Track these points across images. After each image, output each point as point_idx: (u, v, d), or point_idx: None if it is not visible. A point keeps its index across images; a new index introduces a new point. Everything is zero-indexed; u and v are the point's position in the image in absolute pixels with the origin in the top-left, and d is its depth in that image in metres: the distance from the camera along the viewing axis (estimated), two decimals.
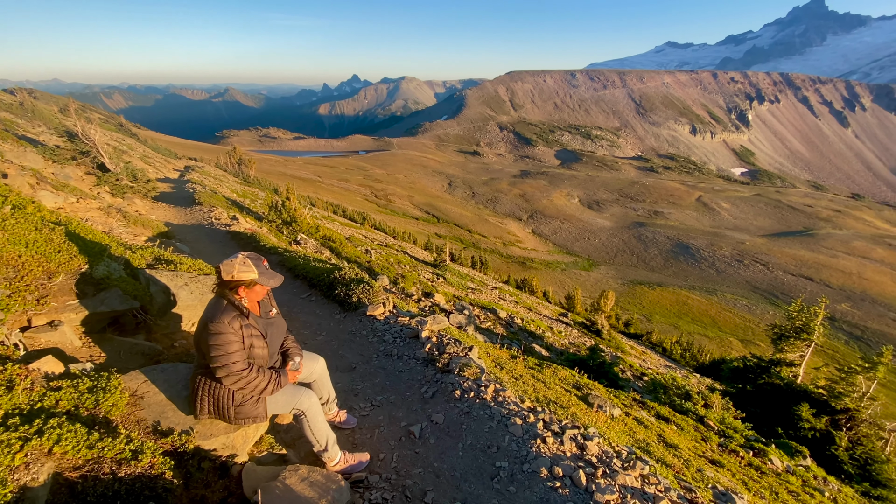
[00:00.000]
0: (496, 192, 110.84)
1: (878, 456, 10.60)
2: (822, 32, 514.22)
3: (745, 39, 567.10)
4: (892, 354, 11.15)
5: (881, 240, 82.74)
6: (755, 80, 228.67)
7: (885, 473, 10.48)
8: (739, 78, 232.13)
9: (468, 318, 15.45)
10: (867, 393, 10.55)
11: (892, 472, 10.64)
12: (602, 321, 24.76)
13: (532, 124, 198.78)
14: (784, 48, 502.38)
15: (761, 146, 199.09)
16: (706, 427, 8.60)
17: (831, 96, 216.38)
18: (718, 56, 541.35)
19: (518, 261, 68.40)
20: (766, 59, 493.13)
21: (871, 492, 10.13)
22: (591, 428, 3.99)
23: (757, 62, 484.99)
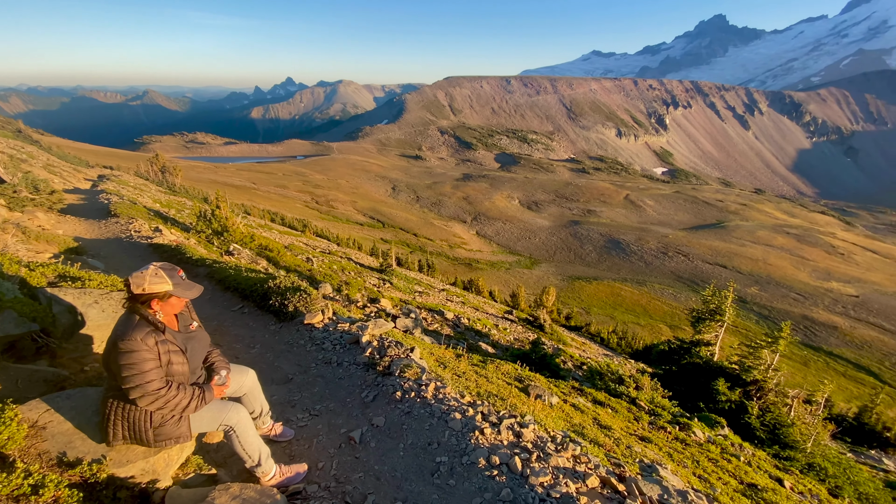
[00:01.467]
0: (440, 195, 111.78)
1: (784, 421, 11.97)
2: (724, 45, 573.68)
3: (659, 50, 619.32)
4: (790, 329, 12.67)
5: (780, 229, 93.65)
6: (670, 87, 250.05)
7: (791, 436, 11.85)
8: (657, 85, 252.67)
9: (415, 321, 15.45)
10: (772, 365, 11.90)
11: (796, 434, 12.06)
12: (544, 316, 25.75)
13: (472, 129, 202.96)
14: (693, 58, 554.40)
15: (678, 147, 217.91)
16: (638, 407, 9.27)
17: (734, 102, 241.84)
18: (638, 65, 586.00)
19: (464, 262, 69.39)
20: (678, 68, 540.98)
21: (780, 453, 11.42)
22: (528, 416, 4.16)
23: (671, 71, 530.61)
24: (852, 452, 18.86)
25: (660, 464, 4.89)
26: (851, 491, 11.18)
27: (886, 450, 21.29)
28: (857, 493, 11.27)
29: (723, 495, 5.16)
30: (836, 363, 48.04)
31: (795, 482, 8.66)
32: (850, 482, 11.45)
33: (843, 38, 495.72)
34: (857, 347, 50.91)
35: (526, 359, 13.30)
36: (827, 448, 13.31)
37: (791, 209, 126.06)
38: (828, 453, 12.43)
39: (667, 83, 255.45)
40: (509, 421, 3.84)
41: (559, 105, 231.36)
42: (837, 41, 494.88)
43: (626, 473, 3.80)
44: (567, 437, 3.98)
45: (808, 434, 11.46)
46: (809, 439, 11.42)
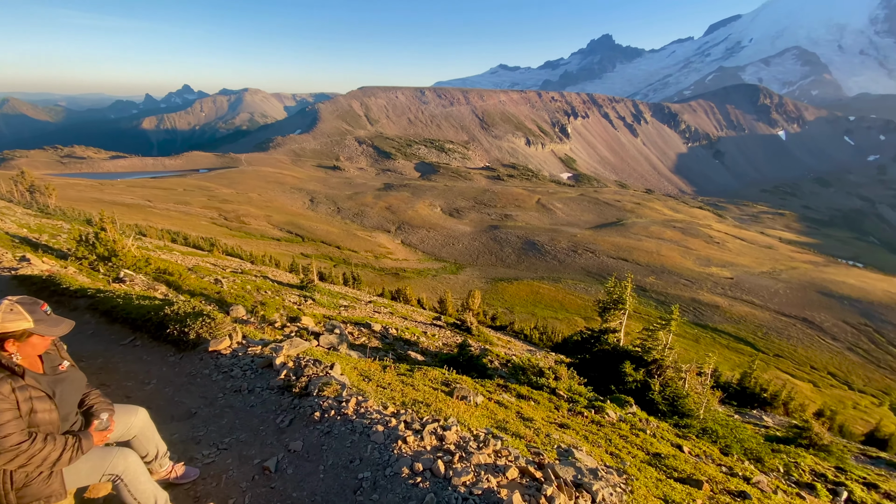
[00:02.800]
0: (362, 206, 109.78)
1: (680, 393, 13.51)
2: (612, 61, 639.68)
3: (559, 65, 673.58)
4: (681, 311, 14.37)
5: (669, 224, 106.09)
6: (570, 99, 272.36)
7: (687, 406, 13.40)
8: (558, 97, 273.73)
9: (340, 336, 14.96)
10: (667, 344, 13.39)
11: (691, 404, 13.65)
12: (471, 319, 26.38)
13: (390, 138, 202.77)
14: (588, 73, 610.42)
15: (580, 154, 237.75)
16: (557, 397, 9.87)
17: (624, 112, 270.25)
18: (541, 78, 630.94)
19: (391, 272, 68.73)
20: (576, 81, 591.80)
21: (679, 422, 12.83)
22: (451, 419, 4.22)
23: (570, 84, 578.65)
24: (738, 414, 21.81)
25: (576, 447, 5.24)
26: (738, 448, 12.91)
27: (765, 408, 24.96)
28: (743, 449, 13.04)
29: (631, 467, 5.67)
30: (721, 337, 55.43)
31: (692, 446, 9.81)
32: (736, 440, 13.23)
33: (706, 57, 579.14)
34: (735, 322, 59.21)
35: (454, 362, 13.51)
36: (717, 413, 15.27)
37: (675, 206, 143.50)
38: (717, 417, 14.25)
39: (567, 95, 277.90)
40: (432, 426, 3.87)
41: (472, 116, 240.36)
42: (702, 59, 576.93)
43: (545, 460, 4.01)
44: (489, 434, 4.10)
45: (701, 402, 13.04)
46: (702, 407, 13.00)
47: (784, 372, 48.31)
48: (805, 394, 40.82)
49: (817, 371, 50.58)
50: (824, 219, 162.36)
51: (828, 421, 26.21)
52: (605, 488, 3.73)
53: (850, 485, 13.02)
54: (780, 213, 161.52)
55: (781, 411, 24.07)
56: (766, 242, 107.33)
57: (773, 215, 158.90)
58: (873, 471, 16.20)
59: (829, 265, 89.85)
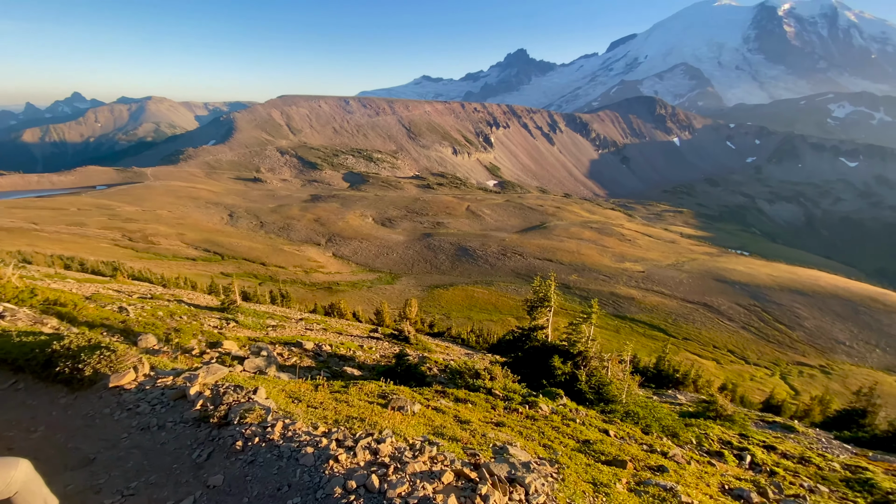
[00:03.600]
0: (288, 219, 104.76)
1: (604, 381, 14.51)
2: (528, 74, 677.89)
3: (479, 77, 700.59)
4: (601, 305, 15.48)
5: (586, 225, 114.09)
6: (491, 110, 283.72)
7: (611, 392, 14.43)
8: (480, 108, 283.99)
9: (267, 359, 14.14)
10: (590, 336, 14.34)
11: (614, 390, 14.72)
12: (408, 328, 26.23)
13: (315, 148, 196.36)
14: (506, 85, 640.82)
15: (503, 162, 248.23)
16: (494, 396, 10.14)
17: (541, 122, 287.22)
18: (463, 90, 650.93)
19: (323, 287, 66.23)
20: (496, 93, 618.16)
21: (605, 409, 13.77)
22: (386, 431, 4.17)
23: (490, 96, 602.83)
24: (655, 395, 23.89)
25: (511, 443, 5.41)
26: (657, 426, 14.14)
27: (678, 387, 27.59)
28: (661, 427, 14.30)
29: (563, 456, 5.97)
30: (637, 326, 60.50)
31: (617, 430, 10.57)
32: (655, 420, 14.48)
33: (610, 72, 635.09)
34: (649, 311, 64.97)
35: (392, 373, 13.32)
36: (637, 396, 16.61)
37: (591, 208, 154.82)
38: (638, 400, 15.51)
39: (488, 106, 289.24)
40: (366, 440, 3.79)
41: (399, 126, 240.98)
42: (607, 74, 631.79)
43: (480, 460, 4.10)
44: (425, 442, 4.11)
45: (623, 388, 14.11)
46: (624, 392, 14.07)
47: (692, 353, 53.89)
48: (710, 371, 45.84)
49: (719, 350, 57.08)
50: (715, 214, 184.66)
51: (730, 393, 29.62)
52: (538, 479, 3.90)
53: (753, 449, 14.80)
54: (679, 211, 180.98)
55: (692, 389, 26.78)
56: (669, 238, 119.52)
57: (673, 213, 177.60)
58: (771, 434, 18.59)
59: (722, 255, 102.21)
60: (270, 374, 11.48)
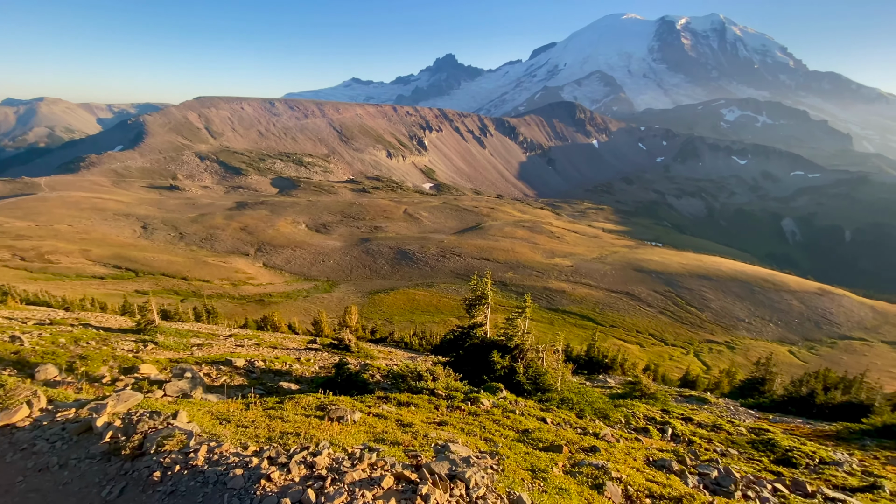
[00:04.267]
0: (211, 229, 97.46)
1: (540, 371, 15.19)
2: (458, 79, 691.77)
3: (410, 80, 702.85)
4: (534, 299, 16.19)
5: (519, 224, 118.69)
6: (424, 113, 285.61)
7: (547, 382, 15.13)
8: (412, 112, 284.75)
9: (192, 380, 13.15)
10: (525, 330, 14.95)
11: (550, 379, 15.45)
12: (349, 336, 25.56)
13: (238, 153, 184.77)
14: (437, 90, 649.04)
15: (438, 165, 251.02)
16: (437, 397, 10.21)
17: (472, 126, 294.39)
18: (394, 93, 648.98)
19: (254, 299, 62.49)
20: (427, 97, 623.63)
21: (542, 398, 14.42)
22: (323, 443, 4.04)
23: (421, 99, 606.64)
24: (588, 380, 25.43)
25: (452, 441, 5.49)
26: (590, 410, 15.06)
27: (608, 371, 29.58)
28: (594, 410, 15.25)
29: (503, 447, 6.17)
30: (569, 317, 64.04)
31: (554, 416, 11.12)
32: (588, 403, 15.41)
33: (533, 78, 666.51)
34: (578, 303, 69.00)
35: (331, 384, 12.92)
36: (571, 383, 17.58)
37: (522, 208, 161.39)
38: (572, 387, 16.42)
39: (420, 110, 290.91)
40: (301, 455, 3.65)
41: (330, 128, 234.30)
42: (531, 80, 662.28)
43: (422, 461, 4.11)
44: (365, 449, 4.04)
45: (557, 376, 14.86)
46: (559, 380, 14.83)
47: (618, 339, 58.08)
48: (635, 354, 49.71)
49: (641, 334, 62.06)
50: (632, 210, 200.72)
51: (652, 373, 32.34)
52: (478, 473, 4.00)
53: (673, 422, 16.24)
54: (600, 208, 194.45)
55: (619, 372, 28.85)
56: (593, 233, 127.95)
57: (595, 210, 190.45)
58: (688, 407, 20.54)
59: (640, 247, 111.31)
60: (196, 397, 10.72)
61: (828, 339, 66.47)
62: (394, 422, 6.72)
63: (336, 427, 5.45)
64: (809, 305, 74.72)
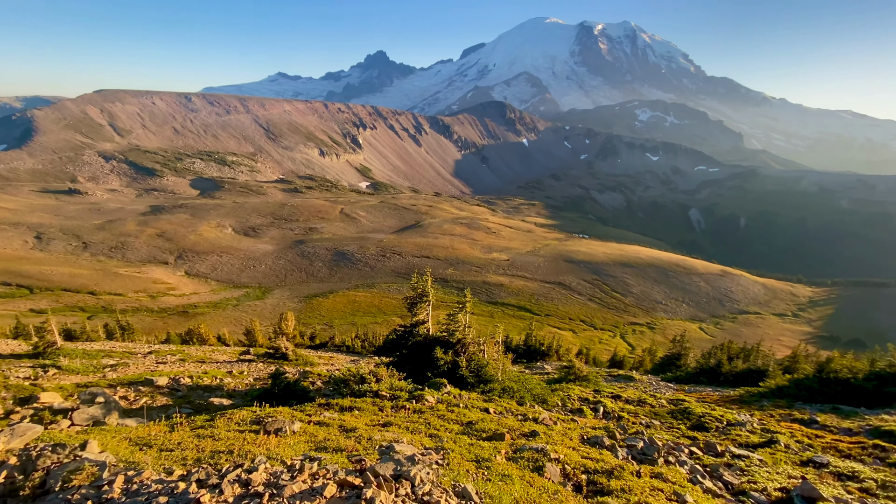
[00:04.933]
0: (122, 236, 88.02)
1: (482, 363, 15.59)
2: (390, 77, 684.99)
3: (341, 76, 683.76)
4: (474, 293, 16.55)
5: (457, 221, 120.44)
6: (356, 110, 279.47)
7: (489, 373, 15.57)
8: (345, 109, 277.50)
9: (106, 405, 12.06)
10: (466, 324, 15.25)
11: (491, 370, 15.91)
12: (285, 344, 24.42)
13: (151, 152, 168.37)
14: (369, 86, 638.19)
15: (374, 163, 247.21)
16: (381, 398, 10.10)
17: (406, 124, 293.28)
18: (325, 89, 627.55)
19: (177, 311, 57.52)
20: (359, 94, 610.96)
21: (485, 389, 14.82)
22: (259, 458, 3.85)
23: (354, 96, 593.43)
24: (527, 368, 26.51)
25: (397, 441, 5.47)
26: (529, 396, 15.73)
27: (545, 358, 31.02)
28: (533, 396, 15.95)
29: (448, 442, 6.26)
30: (508, 309, 66.27)
31: (496, 406, 11.48)
32: (527, 390, 16.08)
33: (465, 77, 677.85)
34: (516, 295, 71.61)
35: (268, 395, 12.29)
36: (511, 372, 18.23)
37: (460, 205, 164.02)
38: (512, 376, 17.03)
39: (353, 107, 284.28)
40: (234, 473, 3.44)
41: (255, 125, 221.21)
42: (462, 79, 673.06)
43: (366, 465, 4.06)
44: (306, 459, 3.91)
45: (498, 367, 15.34)
46: (499, 370, 15.31)
47: (553, 326, 61.15)
48: (569, 340, 52.64)
49: (574, 321, 65.82)
50: (561, 205, 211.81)
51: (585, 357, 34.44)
52: (423, 470, 4.03)
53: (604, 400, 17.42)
54: (532, 204, 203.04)
55: (555, 358, 30.40)
56: (526, 228, 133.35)
57: (528, 206, 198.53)
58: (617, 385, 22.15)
59: (569, 239, 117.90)
60: (111, 423, 9.76)
61: (730, 314, 75.03)
62: (336, 428, 6.56)
63: (274, 440, 5.21)
64: (714, 286, 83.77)
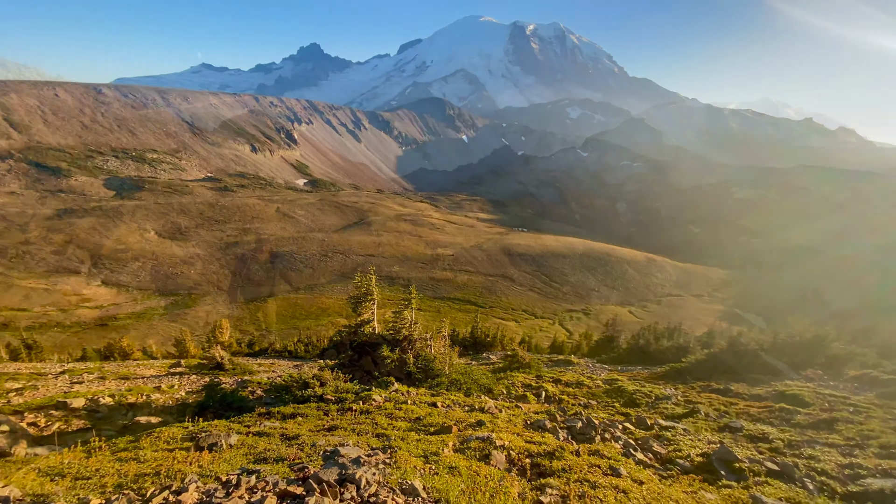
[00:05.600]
0: (24, 244, 77.65)
1: (429, 358, 15.70)
2: (325, 70, 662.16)
3: (272, 69, 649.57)
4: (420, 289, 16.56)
5: (401, 218, 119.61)
6: (290, 105, 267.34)
7: (436, 368, 15.71)
8: (277, 102, 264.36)
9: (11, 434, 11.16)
10: (413, 321, 15.27)
11: (438, 364, 16.07)
12: (221, 353, 22.99)
13: (57, 150, 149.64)
14: (304, 80, 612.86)
15: (311, 160, 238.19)
16: (326, 402, 9.85)
17: (345, 119, 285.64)
18: (255, 82, 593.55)
19: (94, 325, 52.04)
20: (293, 87, 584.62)
21: (432, 383, 14.94)
22: (189, 476, 3.63)
23: (287, 90, 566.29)
24: (473, 360, 27.06)
25: (343, 444, 5.39)
26: (476, 387, 16.10)
27: (490, 349, 31.83)
28: (479, 387, 16.34)
29: (396, 440, 6.26)
30: (454, 303, 67.13)
31: (444, 400, 11.63)
32: (473, 381, 16.45)
33: (403, 73, 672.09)
34: (461, 289, 72.68)
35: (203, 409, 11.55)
36: (458, 365, 18.53)
37: (403, 202, 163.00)
38: (459, 368, 17.32)
39: (286, 101, 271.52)
40: (161, 496, 3.22)
41: (178, 120, 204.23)
42: (400, 74, 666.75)
43: (309, 472, 3.97)
44: (243, 473, 3.74)
45: (445, 360, 15.53)
46: (447, 364, 15.51)
47: (497, 318, 62.87)
48: (512, 330, 54.41)
49: (517, 311, 68.10)
50: (501, 200, 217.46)
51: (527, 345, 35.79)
52: (369, 471, 4.01)
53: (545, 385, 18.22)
54: (474, 200, 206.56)
55: (500, 348, 31.31)
56: (469, 223, 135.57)
57: (469, 201, 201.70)
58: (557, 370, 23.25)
59: (510, 233, 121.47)
60: (18, 454, 8.82)
61: (655, 297, 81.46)
62: (278, 437, 6.32)
63: (207, 456, 4.91)
64: (641, 272, 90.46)
